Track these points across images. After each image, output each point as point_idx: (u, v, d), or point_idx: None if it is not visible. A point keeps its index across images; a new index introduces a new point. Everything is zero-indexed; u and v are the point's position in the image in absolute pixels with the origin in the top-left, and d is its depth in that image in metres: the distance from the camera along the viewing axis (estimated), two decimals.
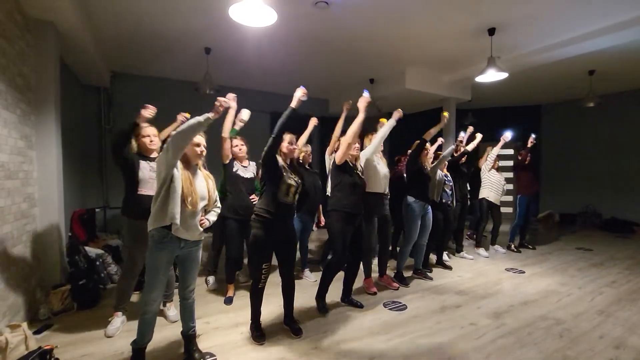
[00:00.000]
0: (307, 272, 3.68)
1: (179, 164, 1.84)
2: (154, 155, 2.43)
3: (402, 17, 3.52)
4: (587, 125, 7.19)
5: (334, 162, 2.70)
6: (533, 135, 4.69)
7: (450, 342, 2.29)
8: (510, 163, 8.14)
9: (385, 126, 2.98)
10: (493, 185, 4.61)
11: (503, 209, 5.17)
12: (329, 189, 2.94)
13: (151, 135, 2.41)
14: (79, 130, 4.79)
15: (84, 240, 3.79)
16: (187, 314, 2.06)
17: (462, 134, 4.13)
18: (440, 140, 4.15)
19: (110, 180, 5.29)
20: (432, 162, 3.69)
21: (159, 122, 3.77)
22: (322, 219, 3.77)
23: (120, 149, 2.29)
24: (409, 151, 3.50)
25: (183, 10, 3.36)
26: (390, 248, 3.62)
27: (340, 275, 2.91)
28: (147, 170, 2.33)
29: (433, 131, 3.36)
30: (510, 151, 8.10)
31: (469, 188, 4.69)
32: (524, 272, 3.85)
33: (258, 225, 2.20)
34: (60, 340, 2.26)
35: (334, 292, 3.21)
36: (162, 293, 1.97)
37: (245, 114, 3.03)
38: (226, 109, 1.85)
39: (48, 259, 2.90)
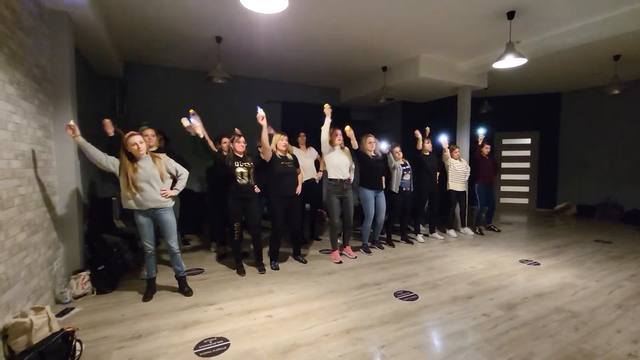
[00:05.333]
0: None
1: (121, 160, 2.58)
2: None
3: (416, 2, 3.41)
4: (609, 114, 6.88)
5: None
6: (481, 132, 5.28)
7: (461, 333, 2.28)
8: (527, 153, 7.98)
9: (325, 124, 3.62)
10: (458, 175, 5.06)
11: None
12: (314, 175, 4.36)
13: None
14: (94, 120, 4.87)
15: (101, 227, 3.90)
16: (174, 261, 2.86)
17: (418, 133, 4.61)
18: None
19: None
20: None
21: (172, 112, 3.86)
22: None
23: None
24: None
25: None
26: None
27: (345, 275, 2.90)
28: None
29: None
30: (528, 140, 7.91)
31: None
32: (539, 264, 3.78)
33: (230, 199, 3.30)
34: (81, 323, 2.36)
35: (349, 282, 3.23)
36: (152, 241, 2.76)
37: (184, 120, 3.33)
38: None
39: (68, 245, 3.01)
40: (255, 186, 3.40)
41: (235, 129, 3.45)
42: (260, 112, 3.15)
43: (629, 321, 2.45)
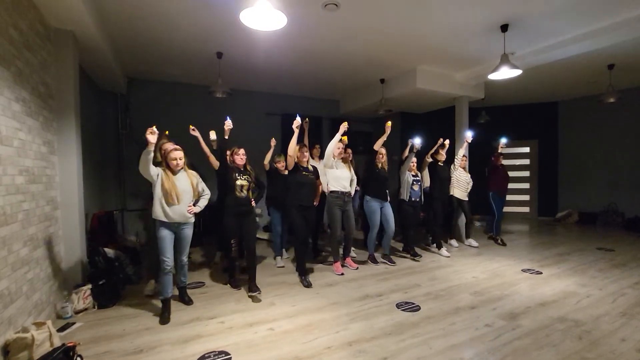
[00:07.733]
0: (278, 258, 4.19)
1: (163, 171, 2.62)
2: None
3: (412, 16, 3.50)
4: (607, 121, 6.95)
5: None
6: (503, 141, 5.16)
7: (464, 344, 2.26)
8: (526, 162, 8.01)
9: (335, 138, 3.60)
10: (460, 183, 5.02)
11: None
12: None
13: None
14: (97, 135, 4.95)
15: (103, 241, 3.91)
16: (180, 272, 2.92)
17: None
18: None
19: (128, 184, 5.45)
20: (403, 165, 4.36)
21: (175, 126, 3.92)
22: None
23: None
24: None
25: (195, 17, 3.44)
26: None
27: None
28: None
29: (380, 141, 3.96)
30: (527, 149, 7.95)
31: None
32: (541, 273, 3.76)
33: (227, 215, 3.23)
34: (83, 338, 2.34)
35: (348, 295, 3.21)
36: (172, 256, 2.68)
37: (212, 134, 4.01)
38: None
39: (70, 259, 3.02)
40: (252, 200, 3.33)
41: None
42: (298, 120, 3.28)
43: (633, 329, 2.43)
